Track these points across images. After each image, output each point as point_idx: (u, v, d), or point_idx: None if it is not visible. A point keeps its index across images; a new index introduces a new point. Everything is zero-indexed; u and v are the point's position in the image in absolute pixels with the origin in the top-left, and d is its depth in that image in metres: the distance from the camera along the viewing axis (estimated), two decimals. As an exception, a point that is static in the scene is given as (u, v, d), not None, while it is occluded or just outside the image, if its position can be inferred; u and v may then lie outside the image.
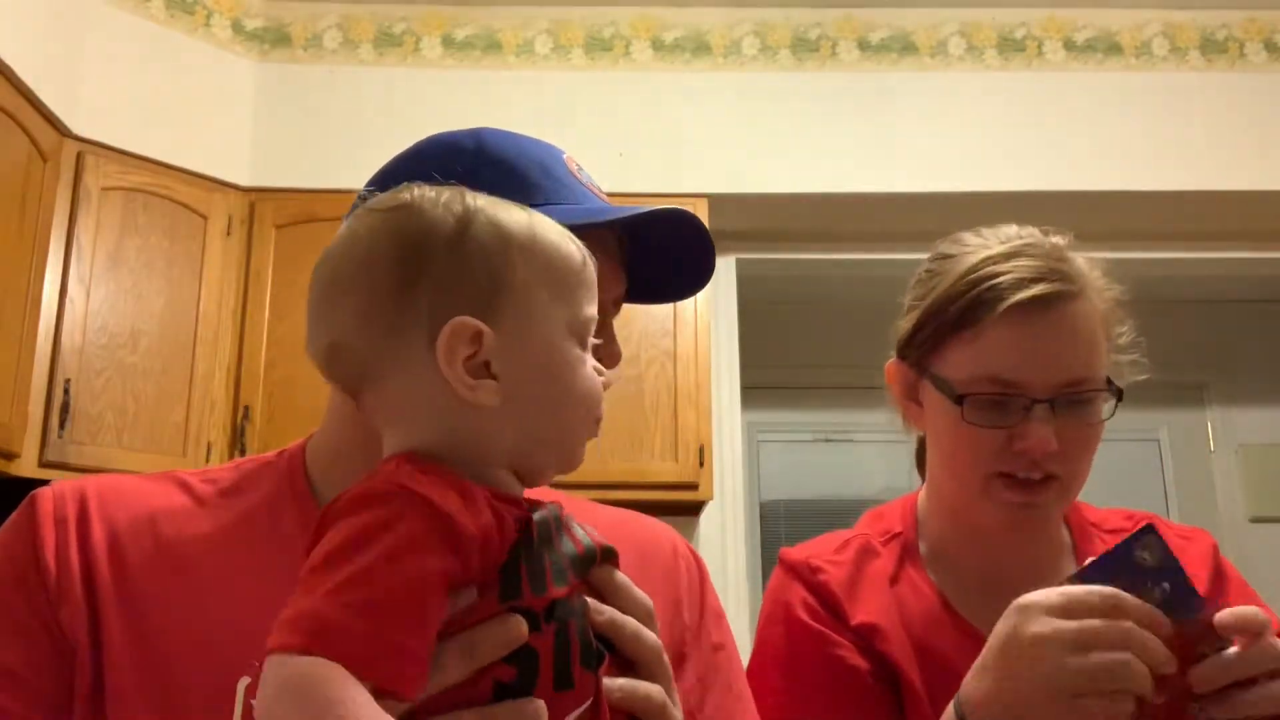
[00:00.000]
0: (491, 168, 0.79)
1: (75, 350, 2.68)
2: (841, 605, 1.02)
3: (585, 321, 0.66)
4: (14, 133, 2.53)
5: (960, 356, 0.98)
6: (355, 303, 0.64)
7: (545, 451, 0.65)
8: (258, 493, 0.80)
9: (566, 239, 0.67)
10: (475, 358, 0.62)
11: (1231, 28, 3.32)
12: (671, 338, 3.03)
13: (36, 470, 2.58)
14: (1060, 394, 0.95)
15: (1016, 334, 0.95)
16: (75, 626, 0.71)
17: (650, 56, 3.29)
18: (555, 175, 0.81)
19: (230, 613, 0.73)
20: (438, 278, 0.62)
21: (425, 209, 0.64)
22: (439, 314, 0.61)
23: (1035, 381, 0.95)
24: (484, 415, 0.62)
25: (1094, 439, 0.98)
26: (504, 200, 0.67)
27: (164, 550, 0.75)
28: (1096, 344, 0.98)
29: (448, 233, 0.63)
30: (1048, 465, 0.96)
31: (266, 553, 0.76)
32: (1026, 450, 0.95)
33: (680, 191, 3.07)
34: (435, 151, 0.83)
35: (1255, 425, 4.31)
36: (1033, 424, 0.94)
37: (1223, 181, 3.19)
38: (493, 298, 0.62)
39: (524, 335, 0.63)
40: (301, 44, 3.24)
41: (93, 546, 0.74)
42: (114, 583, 0.73)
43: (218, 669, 0.70)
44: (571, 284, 0.65)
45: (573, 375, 0.65)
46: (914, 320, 1.03)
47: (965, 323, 0.97)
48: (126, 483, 0.80)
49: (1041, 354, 0.95)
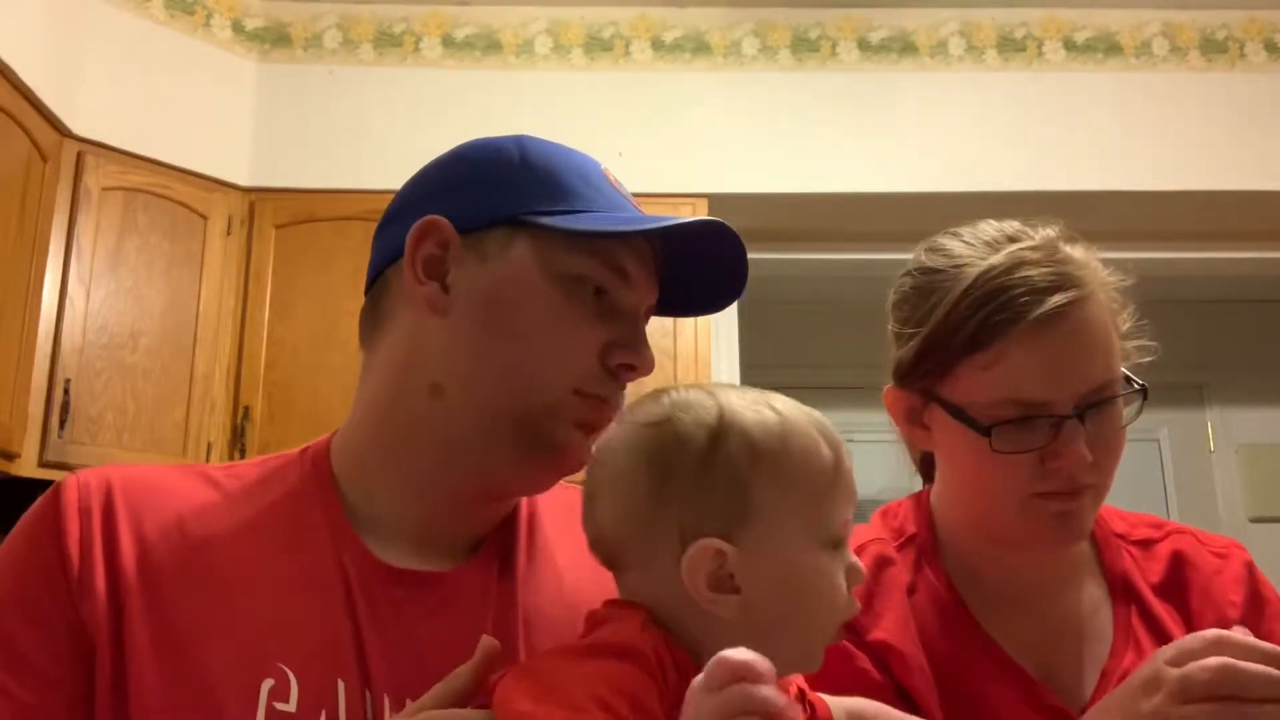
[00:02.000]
0: (534, 173, 0.80)
1: (75, 350, 2.68)
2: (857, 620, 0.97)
3: (836, 529, 0.67)
4: (14, 133, 2.53)
5: (976, 381, 0.92)
6: (613, 509, 0.70)
7: (781, 656, 0.65)
8: (283, 489, 0.80)
9: (819, 442, 0.68)
10: (719, 571, 0.65)
11: (1231, 28, 3.32)
12: (671, 338, 3.03)
13: (36, 470, 2.58)
14: (1086, 403, 0.91)
15: (1037, 352, 0.90)
16: (96, 619, 0.71)
17: (650, 56, 3.29)
18: (594, 184, 0.82)
19: (255, 611, 0.73)
20: (686, 496, 0.66)
21: (679, 424, 0.67)
22: (687, 530, 0.65)
23: (1061, 398, 0.90)
24: (721, 624, 0.65)
25: (1122, 442, 0.95)
26: (755, 400, 0.69)
27: (189, 545, 0.75)
28: (1111, 343, 0.94)
29: (698, 451, 0.66)
30: (1084, 478, 0.92)
31: (291, 550, 0.76)
32: (1062, 469, 0.91)
33: (680, 191, 3.07)
34: (478, 156, 0.83)
35: (1255, 425, 4.30)
36: (1064, 441, 0.90)
37: (1223, 181, 3.19)
38: (739, 515, 0.65)
39: (768, 552, 0.65)
40: (301, 44, 3.24)
41: (118, 539, 0.73)
42: (139, 577, 0.72)
43: (242, 669, 0.70)
44: (821, 493, 0.67)
45: (816, 591, 0.66)
46: (916, 348, 0.96)
47: (978, 345, 0.91)
48: (152, 474, 0.79)
49: (1065, 368, 0.90)
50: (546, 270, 0.77)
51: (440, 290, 0.78)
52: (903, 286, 1.00)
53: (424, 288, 0.78)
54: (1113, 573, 1.03)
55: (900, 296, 1.00)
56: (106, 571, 0.72)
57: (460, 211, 0.79)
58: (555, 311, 0.77)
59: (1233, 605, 1.01)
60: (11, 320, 2.53)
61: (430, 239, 0.79)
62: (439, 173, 0.84)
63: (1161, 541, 1.06)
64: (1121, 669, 0.97)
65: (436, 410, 0.78)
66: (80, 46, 2.83)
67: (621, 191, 0.84)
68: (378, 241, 0.85)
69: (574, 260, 0.78)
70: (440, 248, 0.79)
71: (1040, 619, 1.01)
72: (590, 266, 0.78)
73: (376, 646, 0.74)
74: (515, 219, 0.78)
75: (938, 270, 0.96)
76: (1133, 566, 1.04)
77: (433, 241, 0.79)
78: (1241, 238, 3.41)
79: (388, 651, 0.74)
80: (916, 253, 1.01)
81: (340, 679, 0.72)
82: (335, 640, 0.73)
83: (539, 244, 0.78)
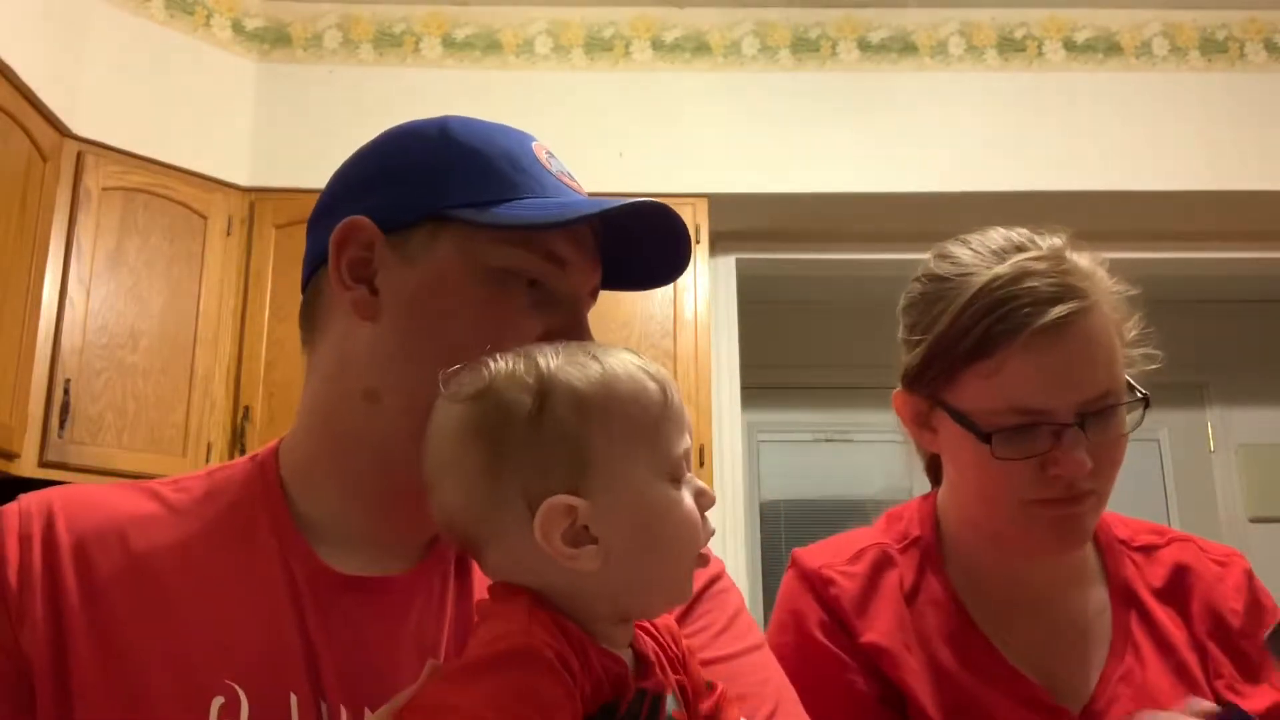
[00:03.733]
0: (457, 163, 0.77)
1: (75, 350, 2.68)
2: (851, 621, 1.00)
3: (675, 460, 0.67)
4: (14, 133, 2.53)
5: (979, 389, 0.93)
6: (455, 492, 0.67)
7: (653, 593, 0.68)
8: (231, 501, 0.78)
9: (644, 381, 0.67)
10: (572, 527, 0.64)
11: (1231, 28, 3.32)
12: (671, 338, 3.03)
13: (36, 470, 2.58)
14: (1087, 411, 0.92)
15: (1038, 362, 0.91)
16: (37, 647, 0.69)
17: (650, 56, 3.29)
18: (524, 168, 0.78)
19: (202, 628, 0.71)
20: (522, 462, 0.65)
21: (500, 392, 0.66)
22: (532, 495, 0.65)
23: (1062, 406, 0.91)
24: (588, 576, 0.65)
25: (1123, 450, 0.95)
26: (576, 350, 0.68)
27: (134, 563, 0.73)
28: (1114, 351, 0.95)
29: (525, 415, 0.65)
30: (1084, 485, 0.93)
31: (238, 562, 0.74)
32: (1062, 476, 0.92)
33: (680, 191, 3.07)
34: (398, 147, 0.80)
35: (1255, 425, 4.31)
36: (1065, 449, 0.91)
37: (1223, 181, 3.19)
38: (579, 469, 0.65)
39: (615, 496, 0.65)
40: (301, 44, 3.24)
41: (59, 563, 0.72)
42: (81, 599, 0.70)
43: (190, 689, 0.68)
44: (653, 429, 0.67)
45: (669, 520, 0.66)
46: (922, 355, 0.98)
47: (981, 354, 0.92)
48: (95, 494, 0.77)
49: (1066, 377, 0.91)
50: (475, 267, 0.75)
51: (368, 294, 0.76)
52: (912, 292, 1.02)
53: (350, 293, 0.76)
54: (1115, 578, 1.04)
55: (909, 302, 1.02)
56: (46, 598, 0.70)
57: (383, 209, 0.76)
58: (484, 309, 0.74)
59: (1233, 613, 1.02)
60: (11, 320, 2.53)
61: (354, 242, 0.76)
62: (362, 166, 0.81)
63: (1163, 548, 1.07)
64: (1120, 672, 0.98)
65: (373, 416, 0.76)
66: (80, 46, 2.83)
67: (553, 169, 0.80)
68: (308, 239, 0.82)
69: (503, 253, 0.75)
70: (365, 249, 0.76)
71: (1043, 623, 1.01)
72: (521, 259, 0.75)
73: (328, 657, 0.72)
74: (439, 214, 0.75)
75: (945, 278, 0.98)
76: (1134, 572, 1.05)
77: (356, 244, 0.76)
78: (1241, 238, 3.42)
79: (340, 661, 0.72)
80: (927, 258, 1.02)
81: (292, 692, 0.70)
82: (285, 653, 0.71)
83: (465, 239, 0.75)
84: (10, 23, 2.51)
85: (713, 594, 0.83)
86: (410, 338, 0.75)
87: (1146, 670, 0.99)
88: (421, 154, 0.78)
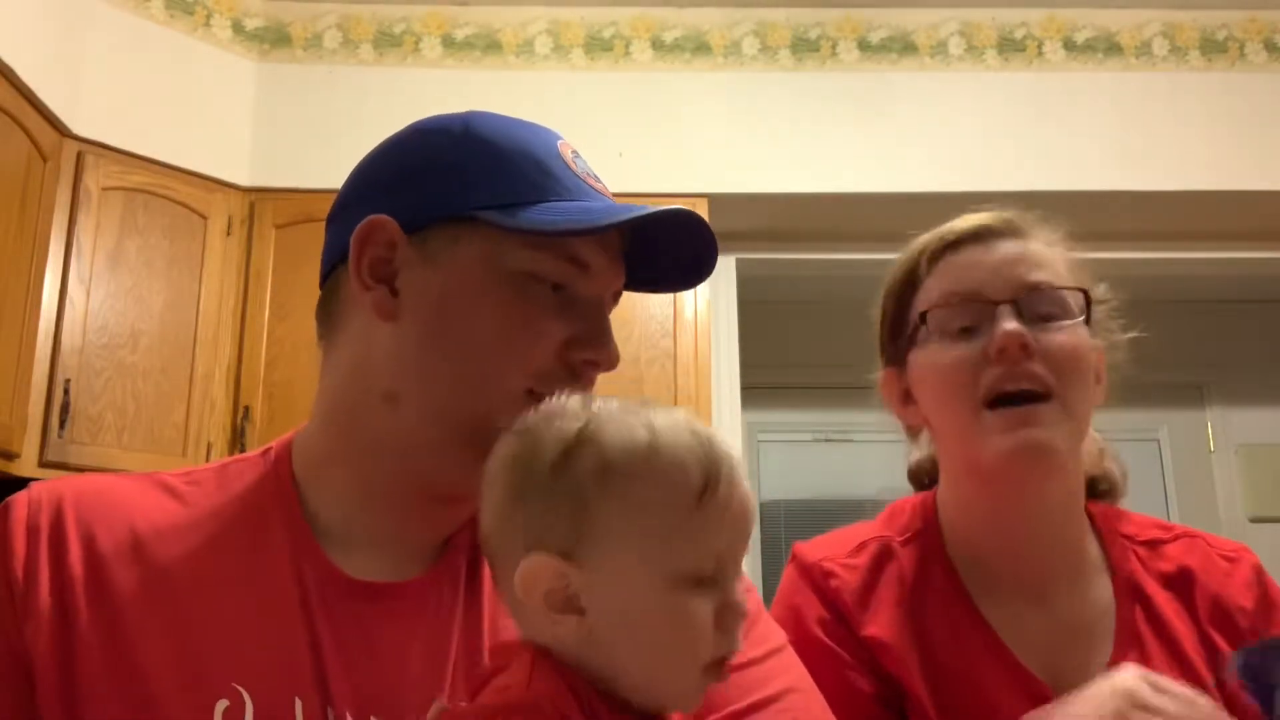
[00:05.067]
0: (481, 162, 0.76)
1: (75, 350, 2.68)
2: (852, 615, 0.99)
3: (700, 561, 0.61)
4: (14, 133, 2.53)
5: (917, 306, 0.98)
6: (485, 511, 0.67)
7: (651, 691, 0.62)
8: (243, 498, 0.77)
9: (687, 465, 0.62)
10: (564, 590, 0.61)
11: (1231, 28, 3.32)
12: (671, 338, 3.03)
13: (36, 470, 2.57)
14: (1021, 295, 0.94)
15: (965, 257, 0.96)
16: (38, 642, 0.68)
17: (650, 56, 3.29)
18: (547, 167, 0.77)
19: (211, 628, 0.70)
20: (534, 507, 0.63)
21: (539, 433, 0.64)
22: (530, 540, 0.62)
23: (990, 286, 0.94)
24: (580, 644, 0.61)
25: (1077, 351, 0.94)
26: (635, 412, 0.64)
27: (144, 560, 0.72)
28: (1056, 265, 0.97)
29: (550, 462, 0.63)
30: (1031, 369, 0.92)
31: (248, 562, 0.74)
32: (1002, 352, 0.92)
33: (680, 191, 3.07)
34: (421, 143, 0.79)
35: (1255, 425, 4.30)
36: (1000, 324, 0.92)
37: (1223, 181, 3.19)
38: (579, 534, 0.61)
39: (606, 578, 0.61)
40: (301, 44, 3.24)
41: (67, 556, 0.71)
42: (89, 594, 0.70)
43: (195, 690, 0.68)
44: (679, 522, 0.61)
45: (661, 629, 0.61)
46: (879, 319, 1.04)
47: (916, 283, 0.99)
48: (107, 486, 0.76)
49: (990, 263, 0.95)
50: (497, 269, 0.73)
51: (389, 294, 0.75)
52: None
53: (371, 293, 0.75)
54: (1119, 572, 1.02)
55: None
56: (54, 592, 0.69)
57: (405, 209, 0.75)
58: (506, 313, 0.73)
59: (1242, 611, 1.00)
60: (11, 320, 2.53)
61: (375, 241, 0.75)
62: (384, 162, 0.80)
63: (1170, 543, 1.05)
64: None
65: (392, 418, 0.75)
66: (80, 46, 2.83)
67: (577, 170, 0.79)
68: (327, 235, 0.82)
69: (526, 257, 0.74)
70: (387, 249, 0.75)
71: (1046, 617, 1.00)
72: (544, 262, 0.74)
73: (336, 662, 0.71)
74: (463, 215, 0.74)
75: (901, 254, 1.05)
76: (1139, 567, 1.03)
77: (378, 244, 0.75)
78: (1241, 238, 3.41)
79: (348, 667, 0.71)
80: None
81: (297, 697, 0.69)
82: (292, 657, 0.70)
83: (489, 242, 0.74)
84: (10, 23, 2.51)
85: None
86: (431, 339, 0.74)
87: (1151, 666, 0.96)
88: (445, 152, 0.77)
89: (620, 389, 2.65)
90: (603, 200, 0.78)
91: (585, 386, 0.76)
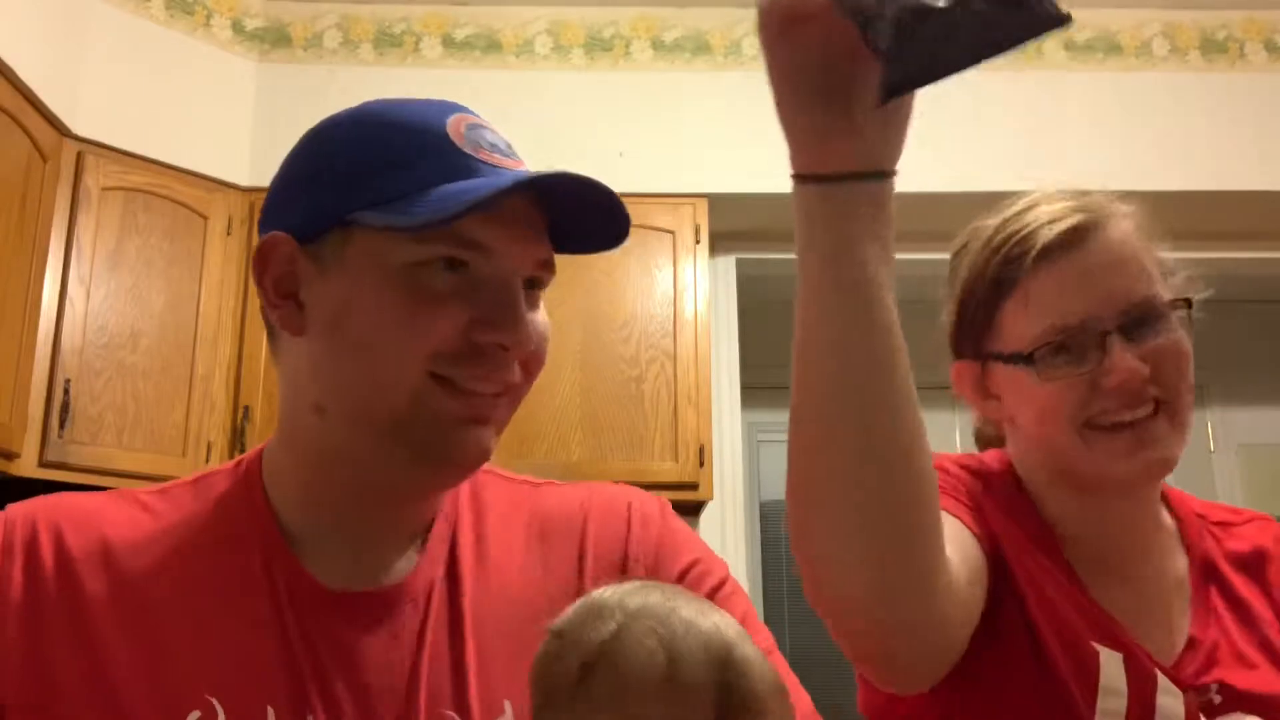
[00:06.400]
0: (362, 159, 0.74)
1: (75, 350, 2.68)
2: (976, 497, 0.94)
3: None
4: (14, 133, 2.53)
5: (1015, 325, 0.92)
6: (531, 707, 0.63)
7: None
8: (217, 513, 0.77)
9: (701, 704, 0.58)
10: None
11: (1231, 28, 3.32)
12: (671, 338, 3.03)
13: (36, 470, 2.58)
14: (1127, 318, 0.89)
15: (1059, 275, 0.91)
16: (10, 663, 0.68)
17: (650, 56, 3.29)
18: (434, 148, 0.73)
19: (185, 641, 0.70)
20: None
21: (569, 639, 0.61)
22: None
23: (1097, 313, 0.89)
24: None
25: (1184, 356, 0.92)
26: (665, 622, 0.60)
27: (119, 576, 0.72)
28: (1144, 263, 0.93)
29: (569, 683, 0.60)
30: (1145, 392, 0.89)
31: (225, 577, 0.74)
32: (1118, 386, 0.88)
33: (680, 191, 3.07)
34: (314, 144, 0.78)
35: (1255, 425, 4.30)
36: (1114, 356, 0.88)
37: (1223, 181, 3.19)
38: None
39: None
40: (301, 44, 3.24)
41: (42, 576, 0.71)
42: (64, 611, 0.70)
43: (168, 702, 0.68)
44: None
45: None
46: (954, 311, 0.98)
47: (1005, 290, 0.93)
48: (82, 505, 0.76)
49: (1091, 283, 0.90)
50: (384, 268, 0.71)
51: (296, 309, 0.75)
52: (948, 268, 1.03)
53: (277, 311, 0.75)
54: (1195, 550, 1.01)
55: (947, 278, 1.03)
56: (26, 611, 0.70)
57: (299, 219, 0.74)
58: (397, 310, 0.71)
59: None
60: (11, 320, 2.53)
61: (274, 259, 0.75)
62: (284, 171, 0.79)
63: (1241, 525, 1.05)
64: (1207, 645, 0.95)
65: (324, 429, 0.75)
66: (80, 46, 2.83)
67: (467, 146, 0.74)
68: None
69: (411, 251, 0.71)
70: (288, 264, 0.75)
71: (1130, 584, 0.97)
72: (432, 252, 0.71)
73: (309, 670, 0.71)
74: (345, 220, 0.73)
75: (965, 240, 1.00)
76: (1214, 546, 1.02)
77: (278, 260, 0.75)
78: (1241, 238, 3.41)
79: (321, 676, 0.71)
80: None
81: (270, 706, 0.69)
82: (265, 667, 0.70)
83: (371, 242, 0.72)
84: (10, 23, 2.51)
85: (720, 599, 0.80)
86: (336, 348, 0.73)
87: (1229, 641, 0.95)
88: (330, 154, 0.76)
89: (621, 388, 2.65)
90: (498, 173, 0.74)
91: (498, 368, 0.73)
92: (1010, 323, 0.93)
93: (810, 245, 0.68)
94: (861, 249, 0.66)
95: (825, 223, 0.67)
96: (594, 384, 2.96)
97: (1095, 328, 0.89)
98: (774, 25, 0.67)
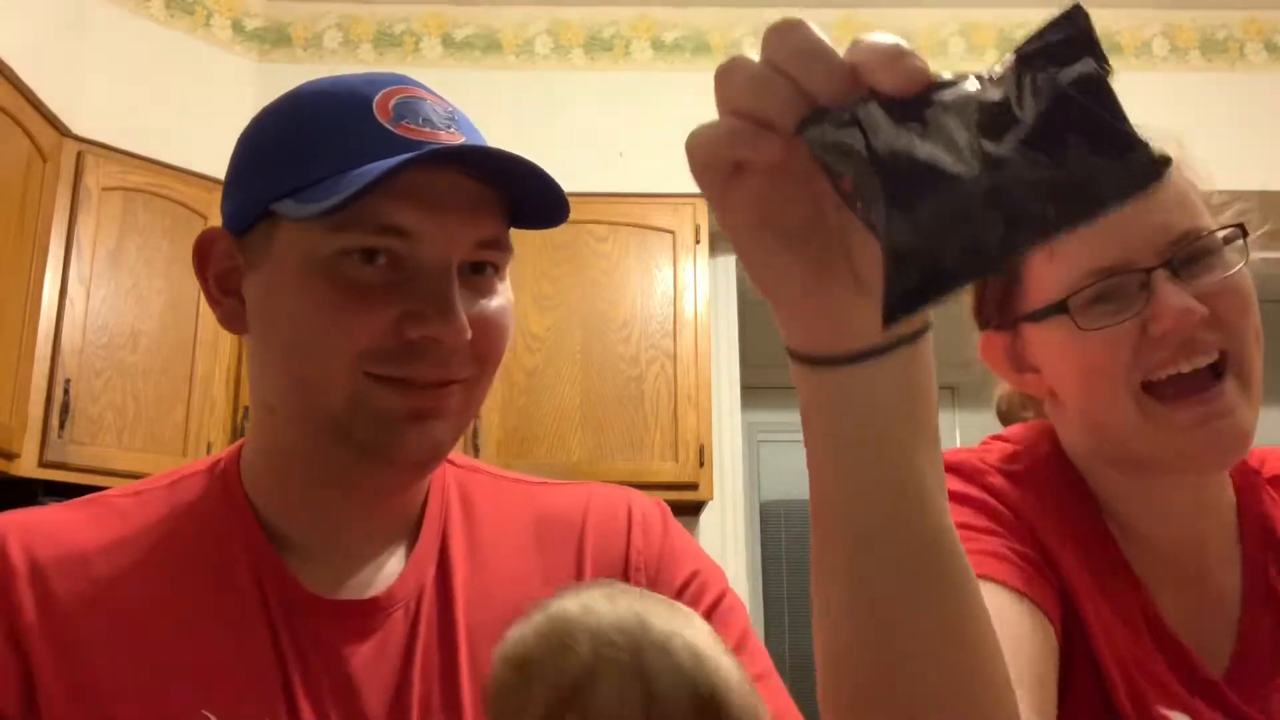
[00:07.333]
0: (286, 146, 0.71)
1: (75, 350, 2.68)
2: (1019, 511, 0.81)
3: None
4: (14, 133, 2.53)
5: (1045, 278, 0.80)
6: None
7: None
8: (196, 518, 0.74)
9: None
10: None
11: (1231, 28, 3.32)
12: (671, 338, 3.03)
13: (36, 470, 2.58)
14: (1172, 255, 0.77)
15: None
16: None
17: (650, 56, 3.29)
18: (355, 128, 0.68)
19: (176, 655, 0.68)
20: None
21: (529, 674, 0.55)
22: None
23: (1138, 253, 0.77)
24: None
25: (1246, 295, 0.79)
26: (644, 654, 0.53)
27: (99, 590, 0.69)
28: (1186, 193, 0.81)
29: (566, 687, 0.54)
30: (1204, 338, 0.76)
31: (208, 581, 0.71)
32: (1171, 330, 0.75)
33: (680, 191, 3.07)
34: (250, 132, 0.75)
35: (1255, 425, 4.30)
36: (1161, 296, 0.76)
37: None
38: None
39: None
40: (301, 44, 3.24)
41: (15, 590, 0.68)
42: (42, 625, 0.67)
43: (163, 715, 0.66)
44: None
45: None
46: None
47: None
48: (52, 518, 0.74)
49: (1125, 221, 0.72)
50: (307, 259, 0.67)
51: (239, 305, 0.72)
52: None
53: (221, 308, 0.73)
54: (1248, 515, 0.86)
55: None
56: (7, 634, 0.67)
57: (230, 212, 0.72)
58: (321, 308, 0.67)
59: None
60: (11, 320, 2.53)
61: (214, 255, 0.73)
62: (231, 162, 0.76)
63: None
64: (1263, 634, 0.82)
65: (276, 428, 0.73)
66: (80, 46, 2.83)
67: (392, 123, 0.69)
68: None
69: (327, 241, 0.66)
70: (228, 259, 0.72)
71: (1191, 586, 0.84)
72: (352, 239, 0.66)
73: (303, 680, 0.69)
74: (270, 210, 0.69)
75: None
76: (1273, 508, 0.87)
77: (218, 256, 0.73)
78: (1241, 238, 3.41)
79: (316, 684, 0.69)
80: None
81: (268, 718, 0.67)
82: (260, 679, 0.68)
83: (293, 233, 0.68)
84: (10, 23, 2.51)
85: (719, 615, 0.77)
86: (270, 345, 0.71)
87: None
88: (258, 140, 0.73)
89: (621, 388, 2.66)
90: (419, 149, 0.67)
91: (437, 364, 0.68)
92: (1038, 277, 0.81)
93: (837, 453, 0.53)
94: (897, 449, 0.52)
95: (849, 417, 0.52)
96: (594, 384, 2.97)
97: (1138, 266, 0.77)
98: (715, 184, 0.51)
